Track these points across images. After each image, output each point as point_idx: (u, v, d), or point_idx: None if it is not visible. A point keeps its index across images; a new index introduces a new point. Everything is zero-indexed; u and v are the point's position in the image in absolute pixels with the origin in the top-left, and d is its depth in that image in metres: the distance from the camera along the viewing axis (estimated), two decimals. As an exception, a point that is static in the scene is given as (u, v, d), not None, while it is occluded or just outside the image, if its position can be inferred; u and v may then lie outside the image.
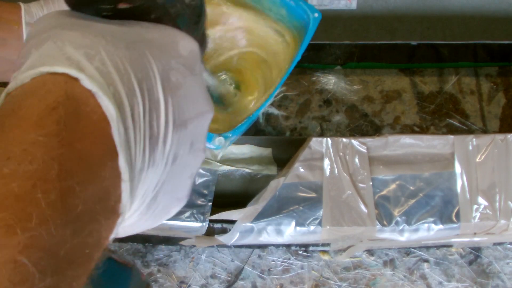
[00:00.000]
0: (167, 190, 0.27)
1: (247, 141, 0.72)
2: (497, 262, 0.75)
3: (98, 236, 0.22)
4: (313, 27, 0.60)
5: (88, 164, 0.21)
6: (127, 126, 0.23)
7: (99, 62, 0.23)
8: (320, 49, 0.82)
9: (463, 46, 0.82)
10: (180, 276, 0.75)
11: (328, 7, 0.88)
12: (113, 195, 0.23)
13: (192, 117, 0.28)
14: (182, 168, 0.28)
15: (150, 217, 0.28)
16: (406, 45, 0.82)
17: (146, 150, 0.24)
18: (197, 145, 0.29)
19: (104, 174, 0.22)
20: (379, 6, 0.88)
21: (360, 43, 0.81)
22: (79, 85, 0.22)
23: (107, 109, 0.22)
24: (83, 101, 0.22)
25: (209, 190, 0.69)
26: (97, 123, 0.22)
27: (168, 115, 0.25)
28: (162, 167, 0.26)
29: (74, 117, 0.21)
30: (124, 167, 0.23)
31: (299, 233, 0.67)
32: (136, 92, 0.24)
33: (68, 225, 0.20)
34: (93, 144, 0.22)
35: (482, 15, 0.88)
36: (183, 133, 0.27)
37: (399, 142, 0.68)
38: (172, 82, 0.26)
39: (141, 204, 0.26)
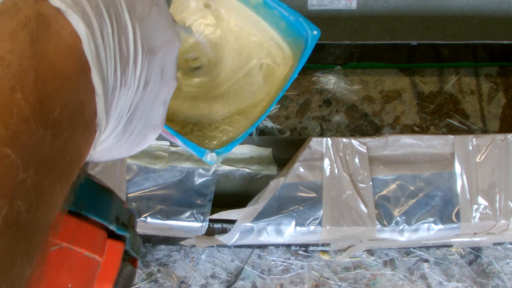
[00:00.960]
0: (141, 114, 0.29)
1: (247, 141, 0.72)
2: (497, 262, 0.75)
3: (77, 145, 0.24)
4: (312, 44, 0.60)
5: (62, 74, 0.23)
6: (98, 44, 0.24)
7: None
8: (320, 49, 0.82)
9: (463, 46, 0.82)
10: (180, 276, 0.75)
11: (328, 7, 0.88)
12: (88, 107, 0.24)
13: (160, 45, 0.29)
14: (155, 94, 0.30)
15: (127, 141, 0.29)
16: (406, 45, 0.82)
17: (118, 69, 0.26)
18: (167, 73, 0.31)
19: (78, 86, 0.23)
20: (379, 6, 0.88)
21: (360, 43, 0.81)
22: (48, 4, 0.23)
23: (77, 26, 0.24)
24: (53, 18, 0.23)
25: (209, 190, 0.69)
26: (68, 39, 0.23)
27: (136, 40, 0.27)
28: (134, 89, 0.28)
29: (46, 32, 0.23)
30: (98, 81, 0.24)
31: (299, 233, 0.67)
32: (104, 15, 0.25)
33: (47, 127, 0.21)
34: (65, 57, 0.23)
35: (482, 15, 0.88)
36: (152, 59, 0.29)
37: (399, 142, 0.68)
38: (138, 11, 0.28)
39: (116, 125, 0.28)
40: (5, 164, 0.19)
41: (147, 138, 0.31)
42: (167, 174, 0.69)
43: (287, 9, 0.61)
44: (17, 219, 0.19)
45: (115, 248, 0.30)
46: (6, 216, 0.19)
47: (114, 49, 0.26)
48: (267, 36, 0.65)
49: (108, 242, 0.30)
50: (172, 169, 0.69)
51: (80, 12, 0.24)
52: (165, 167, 0.69)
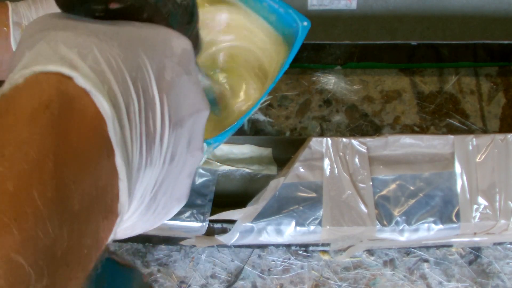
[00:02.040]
0: (166, 190, 0.27)
1: (247, 141, 0.72)
2: (497, 262, 0.75)
3: (96, 237, 0.22)
4: (302, 35, 0.59)
5: (84, 160, 0.21)
6: (123, 124, 0.23)
7: (92, 60, 0.23)
8: (320, 49, 0.82)
9: (463, 46, 0.82)
10: (180, 276, 0.75)
11: (328, 7, 0.88)
12: (110, 194, 0.23)
13: (188, 115, 0.28)
14: (180, 167, 0.28)
15: (150, 217, 0.28)
16: (406, 45, 0.82)
17: (143, 148, 0.24)
18: (194, 144, 0.29)
19: (100, 172, 0.22)
20: (379, 6, 0.88)
21: (360, 43, 0.81)
22: (72, 84, 0.22)
23: (101, 107, 0.22)
24: (77, 99, 0.22)
25: (209, 190, 0.69)
26: (92, 120, 0.22)
27: (164, 114, 0.25)
28: (160, 166, 0.26)
29: (68, 113, 0.21)
30: (121, 165, 0.23)
31: (299, 233, 0.67)
32: (130, 90, 0.24)
33: (64, 225, 0.20)
34: (88, 140, 0.22)
35: (482, 15, 0.88)
36: (179, 131, 0.27)
37: (399, 142, 0.68)
38: (166, 81, 0.26)
39: (140, 204, 0.26)
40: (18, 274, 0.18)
41: (171, 212, 0.29)
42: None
43: (276, 1, 0.60)
44: None
45: None
46: None
47: (141, 127, 0.24)
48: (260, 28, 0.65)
49: None
50: (172, 169, 0.69)
51: (105, 90, 0.22)
52: (165, 167, 0.69)
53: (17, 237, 0.18)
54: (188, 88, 0.28)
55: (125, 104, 0.23)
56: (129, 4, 0.28)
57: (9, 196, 0.19)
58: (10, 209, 0.18)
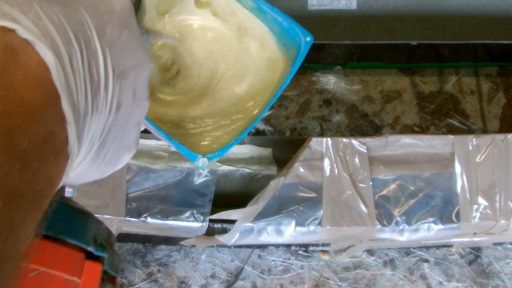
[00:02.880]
0: (114, 137, 0.29)
1: (246, 141, 0.72)
2: (497, 262, 0.75)
3: (48, 174, 0.24)
4: (305, 50, 0.59)
5: (30, 106, 0.23)
6: (67, 72, 0.25)
7: (33, 16, 0.24)
8: (320, 49, 0.82)
9: (463, 46, 0.82)
10: (180, 276, 0.75)
11: (328, 7, 0.88)
12: (58, 136, 0.24)
13: (131, 67, 0.30)
14: (127, 116, 0.30)
15: (101, 164, 0.30)
16: (406, 45, 0.82)
17: (88, 95, 0.26)
18: (139, 94, 0.31)
19: (47, 116, 0.23)
20: (379, 6, 0.88)
21: (360, 43, 0.81)
22: (15, 35, 0.23)
23: (45, 56, 0.24)
24: (21, 50, 0.23)
25: (209, 190, 0.69)
26: (37, 69, 0.23)
27: (107, 65, 0.27)
28: (106, 113, 0.28)
29: (13, 64, 0.23)
30: (68, 109, 0.24)
31: (299, 233, 0.67)
32: (72, 42, 0.25)
33: (15, 160, 0.21)
34: (34, 88, 0.23)
35: (482, 15, 0.88)
36: (124, 82, 0.29)
37: (399, 142, 0.68)
38: (108, 35, 0.28)
39: (89, 150, 0.28)
40: None
41: (121, 160, 0.31)
42: (167, 174, 0.69)
43: (281, 14, 0.60)
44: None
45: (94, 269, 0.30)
46: None
47: (84, 75, 0.26)
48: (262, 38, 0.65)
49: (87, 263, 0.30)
50: (172, 169, 0.70)
51: (48, 41, 0.24)
52: (165, 167, 0.69)
53: None
54: (129, 42, 0.30)
55: (68, 54, 0.25)
56: None
57: None
58: None
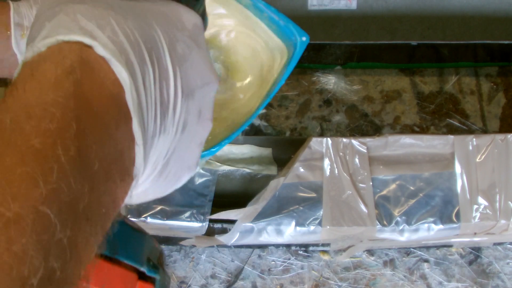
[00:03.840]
0: (177, 157, 0.29)
1: (247, 141, 0.72)
2: (497, 262, 0.75)
3: (113, 196, 0.23)
4: (300, 50, 0.59)
5: (104, 125, 0.22)
6: (140, 92, 0.24)
7: (110, 31, 0.24)
8: (320, 49, 0.82)
9: (463, 46, 0.82)
10: (180, 276, 0.75)
11: (328, 7, 0.88)
12: (127, 157, 0.24)
13: (199, 87, 0.29)
14: (191, 136, 0.29)
15: (162, 183, 0.29)
16: (406, 45, 0.82)
17: (158, 116, 0.26)
18: (204, 114, 0.30)
19: (118, 136, 0.23)
20: (379, 6, 0.88)
21: (360, 43, 0.81)
22: (93, 52, 0.23)
23: (120, 75, 0.23)
24: (97, 67, 0.23)
25: (209, 190, 0.69)
26: (111, 87, 0.23)
27: (177, 84, 0.27)
28: (172, 134, 0.27)
29: (90, 81, 0.22)
30: (138, 131, 0.24)
31: (299, 233, 0.67)
32: (146, 61, 0.25)
33: (85, 181, 0.21)
34: (107, 105, 0.23)
35: (482, 15, 0.88)
36: (191, 102, 0.28)
37: (399, 142, 0.68)
38: (178, 53, 0.27)
39: (153, 170, 0.27)
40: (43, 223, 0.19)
41: (181, 179, 0.31)
42: (167, 174, 0.69)
43: (277, 13, 0.60)
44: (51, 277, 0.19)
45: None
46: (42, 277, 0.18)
47: (155, 96, 0.25)
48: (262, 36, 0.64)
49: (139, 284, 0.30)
50: (172, 169, 0.69)
51: (124, 60, 0.24)
52: (165, 167, 0.69)
53: (43, 190, 0.19)
54: (198, 61, 0.29)
55: (141, 73, 0.24)
56: None
57: (36, 153, 0.20)
58: (37, 164, 0.19)
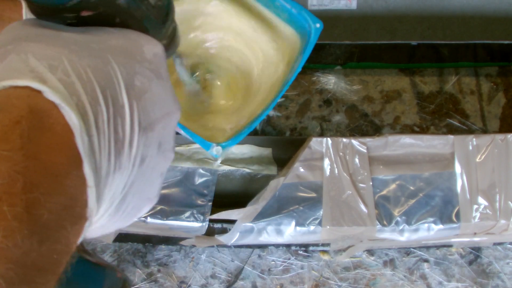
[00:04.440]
0: (136, 191, 0.28)
1: (247, 141, 0.72)
2: (497, 262, 0.75)
3: (65, 242, 0.23)
4: (315, 37, 0.59)
5: (53, 175, 0.22)
6: (91, 134, 0.24)
7: (62, 73, 0.23)
8: (320, 49, 0.82)
9: (463, 46, 0.82)
10: (180, 276, 0.75)
11: (328, 7, 0.88)
12: (79, 201, 0.23)
13: (159, 118, 0.28)
14: (151, 169, 0.29)
15: (120, 217, 0.28)
16: (406, 45, 0.82)
17: (112, 154, 0.25)
18: (165, 145, 0.29)
19: (69, 183, 0.23)
20: (379, 6, 0.88)
21: (360, 43, 0.81)
22: (42, 98, 0.22)
23: (70, 120, 0.23)
24: (46, 113, 0.22)
25: (209, 190, 0.69)
26: (61, 134, 0.23)
27: (133, 120, 0.26)
28: (129, 169, 0.27)
29: (38, 130, 0.22)
30: (89, 173, 0.23)
31: (299, 233, 0.67)
32: (99, 100, 0.24)
33: (34, 235, 0.21)
34: (57, 154, 0.22)
35: (482, 15, 0.88)
36: (150, 135, 0.27)
37: (399, 142, 0.68)
38: (137, 87, 0.27)
39: (109, 206, 0.27)
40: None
41: (141, 211, 0.30)
42: (167, 174, 0.69)
43: (289, 1, 0.60)
44: None
45: None
46: None
47: (109, 134, 0.25)
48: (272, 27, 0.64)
49: None
50: (172, 169, 0.69)
51: (74, 102, 0.23)
52: (165, 167, 0.69)
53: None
54: (158, 92, 0.28)
55: (94, 114, 0.24)
56: (100, 11, 0.28)
57: None
58: None
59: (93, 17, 0.28)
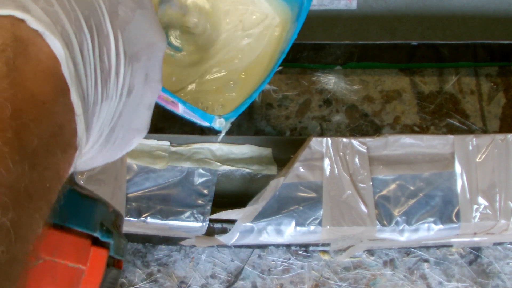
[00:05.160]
0: (124, 121, 0.28)
1: (247, 141, 0.72)
2: (497, 262, 0.75)
3: (56, 169, 0.23)
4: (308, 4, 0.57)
5: (40, 102, 0.22)
6: (77, 62, 0.24)
7: (44, 2, 0.23)
8: (320, 49, 0.82)
9: (463, 46, 0.82)
10: (180, 276, 0.75)
11: (328, 7, 0.88)
12: (67, 129, 0.24)
13: (144, 48, 0.28)
14: (139, 99, 0.29)
15: (110, 149, 0.29)
16: (406, 45, 0.82)
17: (98, 83, 0.25)
18: (152, 76, 0.30)
19: (57, 110, 0.23)
20: (379, 6, 0.88)
21: (360, 43, 0.81)
22: (26, 26, 0.22)
23: (55, 48, 0.23)
24: (31, 42, 0.22)
25: (209, 190, 0.69)
26: (46, 62, 0.23)
27: (118, 49, 0.26)
28: (116, 99, 0.27)
29: (23, 58, 0.22)
30: (77, 101, 0.24)
31: (299, 233, 0.67)
32: (84, 29, 0.24)
33: (25, 160, 0.21)
34: (43, 82, 0.22)
35: (482, 15, 0.88)
36: (136, 65, 0.28)
37: (399, 142, 0.68)
38: (120, 17, 0.27)
39: (99, 137, 0.27)
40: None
41: (131, 143, 0.30)
42: (167, 174, 0.69)
43: None
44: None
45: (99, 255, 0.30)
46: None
47: (95, 63, 0.25)
48: None
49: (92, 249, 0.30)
50: (172, 169, 0.69)
51: (58, 31, 0.23)
52: (165, 167, 0.69)
53: None
54: (142, 22, 0.28)
55: (79, 43, 0.24)
56: None
57: None
58: None
59: None
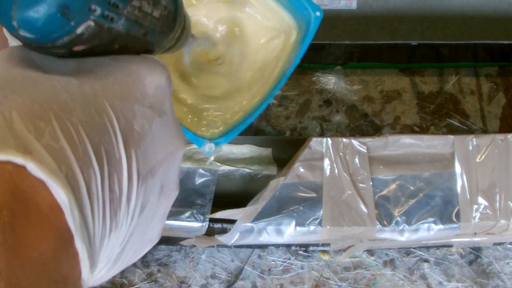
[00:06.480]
0: (135, 239, 0.26)
1: (247, 141, 0.72)
2: (497, 262, 0.75)
3: None
4: (315, 26, 0.56)
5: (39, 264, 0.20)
6: (83, 205, 0.21)
7: (49, 137, 0.21)
8: (320, 49, 0.82)
9: (463, 46, 0.82)
10: (180, 276, 0.75)
11: (328, 7, 0.88)
12: (71, 277, 0.22)
13: (161, 161, 0.26)
14: (152, 214, 0.26)
15: (120, 265, 0.26)
16: (406, 45, 0.82)
17: (107, 218, 0.23)
18: (168, 186, 0.27)
19: (59, 262, 0.21)
20: (379, 6, 0.88)
21: (360, 43, 0.81)
22: (26, 174, 0.20)
23: (58, 196, 0.21)
24: (31, 193, 0.20)
25: (209, 190, 0.69)
26: (49, 213, 0.21)
27: (131, 171, 0.24)
28: (128, 223, 0.24)
29: (22, 219, 0.20)
30: (82, 248, 0.22)
31: (299, 233, 0.67)
32: (92, 162, 0.22)
33: None
34: (44, 241, 0.20)
35: (482, 15, 0.88)
36: (150, 181, 0.25)
37: (399, 142, 0.68)
38: (136, 132, 0.24)
39: (107, 262, 0.25)
40: None
41: (141, 253, 0.28)
42: (167, 174, 0.69)
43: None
44: None
45: None
46: None
47: (104, 197, 0.22)
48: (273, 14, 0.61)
49: None
50: (172, 169, 0.69)
51: (63, 174, 0.21)
52: (165, 167, 0.69)
53: None
54: (161, 131, 0.26)
55: (86, 182, 0.22)
56: (95, 44, 0.25)
57: None
58: None
59: (87, 51, 0.25)
